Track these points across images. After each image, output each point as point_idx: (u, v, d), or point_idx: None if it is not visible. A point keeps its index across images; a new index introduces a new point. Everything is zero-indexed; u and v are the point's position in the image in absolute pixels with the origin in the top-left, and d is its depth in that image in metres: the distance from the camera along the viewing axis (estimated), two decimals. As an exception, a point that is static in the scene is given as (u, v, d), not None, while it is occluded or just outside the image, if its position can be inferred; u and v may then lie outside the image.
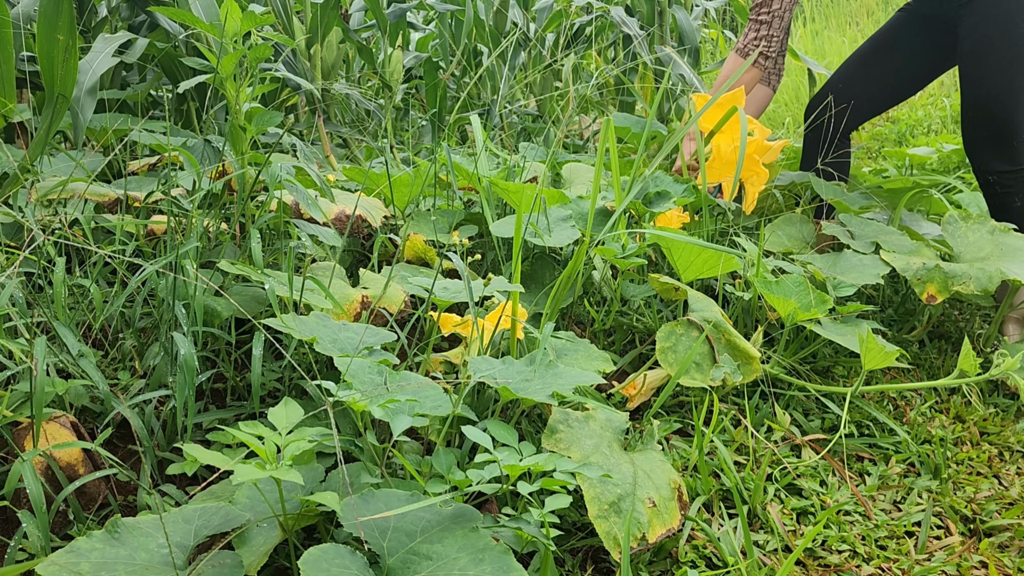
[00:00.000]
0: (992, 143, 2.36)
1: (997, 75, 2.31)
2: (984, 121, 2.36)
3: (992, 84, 2.32)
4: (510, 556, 1.07)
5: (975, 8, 2.34)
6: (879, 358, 1.74)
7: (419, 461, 1.34)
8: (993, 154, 2.36)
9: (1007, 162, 2.35)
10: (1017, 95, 2.31)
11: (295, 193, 1.66)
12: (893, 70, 2.57)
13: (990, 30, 2.32)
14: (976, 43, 2.34)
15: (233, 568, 1.09)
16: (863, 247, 2.20)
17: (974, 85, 2.36)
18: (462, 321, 1.64)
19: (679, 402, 1.83)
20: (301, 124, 3.42)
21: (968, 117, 2.40)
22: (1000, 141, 2.34)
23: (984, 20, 2.32)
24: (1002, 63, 2.31)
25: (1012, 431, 1.95)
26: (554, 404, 1.36)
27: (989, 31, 2.32)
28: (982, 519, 1.63)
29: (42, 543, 1.19)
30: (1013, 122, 2.32)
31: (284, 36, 1.91)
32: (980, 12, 2.33)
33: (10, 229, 1.73)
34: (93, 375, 1.39)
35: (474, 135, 2.47)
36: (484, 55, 4.19)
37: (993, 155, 2.36)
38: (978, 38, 2.34)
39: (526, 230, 1.87)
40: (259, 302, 1.62)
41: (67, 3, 1.74)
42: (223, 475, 1.33)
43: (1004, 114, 2.32)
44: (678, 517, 1.38)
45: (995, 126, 2.34)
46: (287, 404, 1.19)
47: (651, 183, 2.19)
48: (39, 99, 1.86)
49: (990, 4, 2.31)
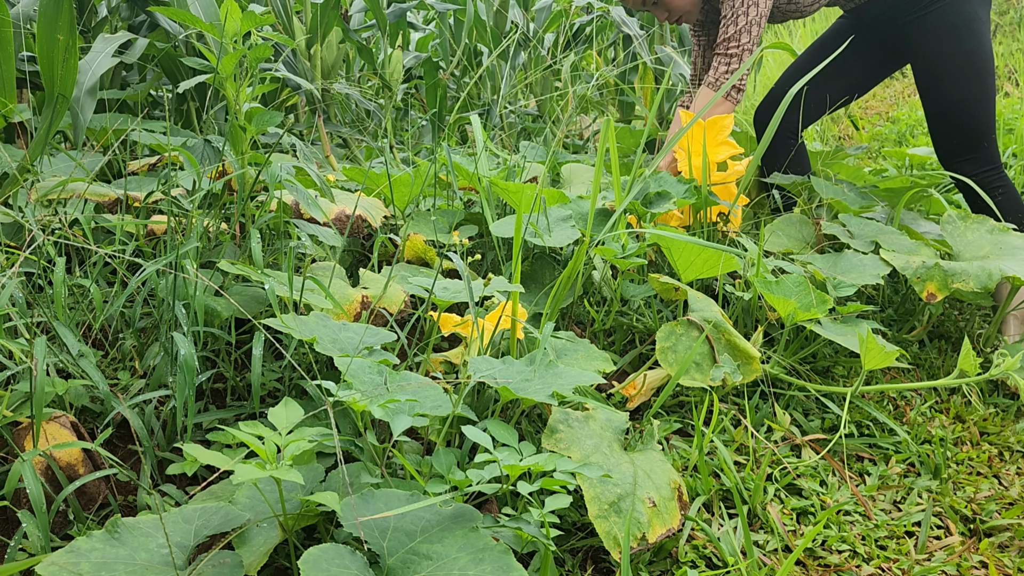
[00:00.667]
0: (964, 149, 2.45)
1: (954, 84, 2.40)
2: (951, 130, 2.45)
3: (951, 94, 2.41)
4: (510, 556, 1.07)
5: (922, 24, 2.43)
6: (879, 358, 1.74)
7: (419, 461, 1.34)
8: (967, 159, 2.45)
9: (982, 164, 2.44)
10: (976, 101, 2.40)
11: (295, 193, 1.66)
12: (838, 75, 2.63)
13: (941, 45, 2.41)
14: (929, 58, 2.44)
15: (233, 568, 1.09)
16: (863, 247, 2.21)
17: (934, 98, 2.46)
18: (462, 321, 1.64)
19: (679, 402, 1.83)
20: (301, 124, 3.43)
21: (935, 129, 2.50)
22: (971, 146, 2.44)
23: (933, 36, 2.42)
24: (955, 73, 2.40)
25: (1012, 431, 1.95)
26: (554, 404, 1.36)
27: (940, 46, 2.41)
28: (982, 519, 1.63)
29: (42, 543, 1.19)
30: (978, 126, 2.42)
31: (284, 36, 1.91)
32: (925, 30, 2.43)
33: (10, 229, 1.73)
34: (93, 375, 1.39)
35: (474, 135, 2.48)
36: (484, 55, 4.19)
37: (967, 160, 2.45)
38: (930, 53, 2.43)
39: (526, 230, 1.87)
40: (259, 302, 1.62)
41: (67, 3, 1.74)
42: (223, 475, 1.33)
43: (969, 120, 2.42)
44: (678, 517, 1.38)
45: (962, 133, 2.44)
46: (287, 404, 1.19)
47: (652, 183, 2.19)
48: (39, 99, 1.86)
49: (936, 19, 2.40)
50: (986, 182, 2.43)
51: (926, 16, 2.40)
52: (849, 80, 2.68)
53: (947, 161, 2.50)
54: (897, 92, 6.38)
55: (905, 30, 2.46)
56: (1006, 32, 7.00)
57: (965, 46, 2.38)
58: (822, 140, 5.04)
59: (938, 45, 2.40)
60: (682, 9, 2.56)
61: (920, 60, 2.46)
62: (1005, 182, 2.46)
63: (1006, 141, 3.95)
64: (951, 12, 2.38)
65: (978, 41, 2.38)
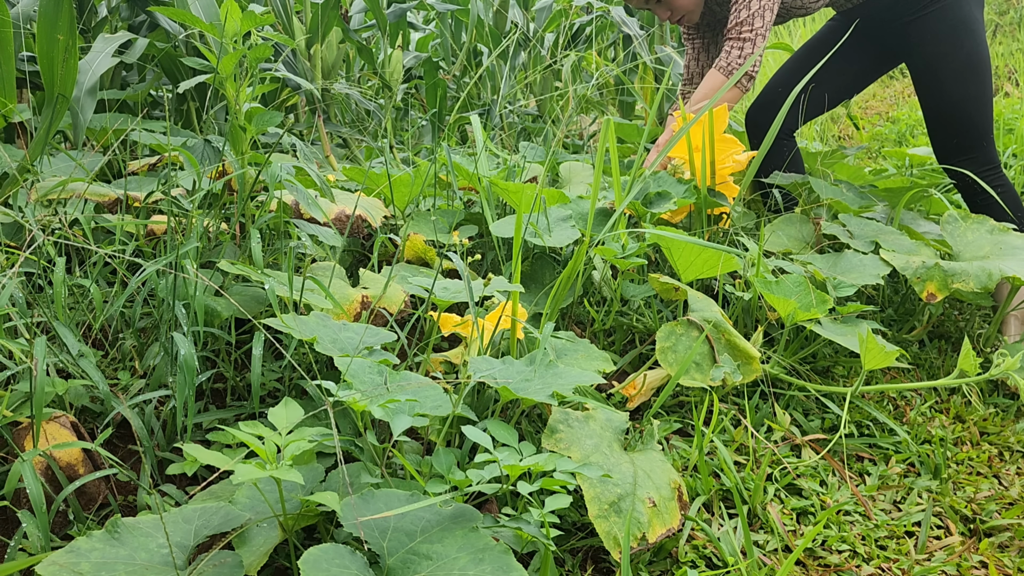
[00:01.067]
0: (962, 149, 2.45)
1: (953, 85, 2.40)
2: (950, 130, 2.45)
3: (950, 94, 2.41)
4: (510, 556, 1.07)
5: (920, 25, 2.42)
6: (879, 358, 1.74)
7: (419, 461, 1.34)
8: (965, 159, 2.45)
9: (981, 164, 2.45)
10: (974, 100, 2.40)
11: (295, 193, 1.66)
12: (832, 75, 2.61)
13: (939, 45, 2.40)
14: (928, 59, 2.44)
15: (233, 568, 1.09)
16: (863, 247, 2.21)
17: (933, 98, 2.46)
18: (462, 321, 1.64)
19: (679, 402, 1.83)
20: (301, 124, 3.42)
21: (934, 129, 2.50)
22: (970, 146, 2.44)
23: (932, 36, 2.42)
24: (954, 73, 2.40)
25: (1012, 431, 1.95)
26: (554, 404, 1.36)
27: (938, 46, 2.41)
28: (982, 519, 1.63)
29: (42, 543, 1.19)
30: (977, 125, 2.42)
31: (284, 36, 1.91)
32: (926, 28, 2.42)
33: (10, 229, 1.73)
34: (93, 375, 1.39)
35: (474, 135, 2.47)
36: (484, 55, 4.19)
37: (966, 160, 2.45)
38: (928, 54, 2.43)
39: (526, 230, 1.87)
40: (259, 302, 1.62)
41: (67, 3, 1.74)
42: (223, 475, 1.33)
43: (967, 120, 2.42)
44: (678, 517, 1.38)
45: (961, 133, 2.44)
46: (287, 404, 1.19)
47: (652, 183, 2.19)
48: (39, 99, 1.86)
49: (935, 20, 2.40)
50: (986, 180, 2.44)
51: (924, 17, 2.40)
52: (843, 80, 2.67)
53: (945, 161, 2.50)
54: (897, 92, 6.38)
55: (902, 31, 2.46)
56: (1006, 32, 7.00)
57: (964, 47, 2.38)
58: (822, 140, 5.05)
59: (937, 46, 2.41)
60: (685, 8, 2.55)
61: (918, 61, 2.47)
62: (1004, 182, 2.46)
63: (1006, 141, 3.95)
64: (949, 13, 2.38)
65: (976, 41, 2.39)
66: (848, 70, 2.65)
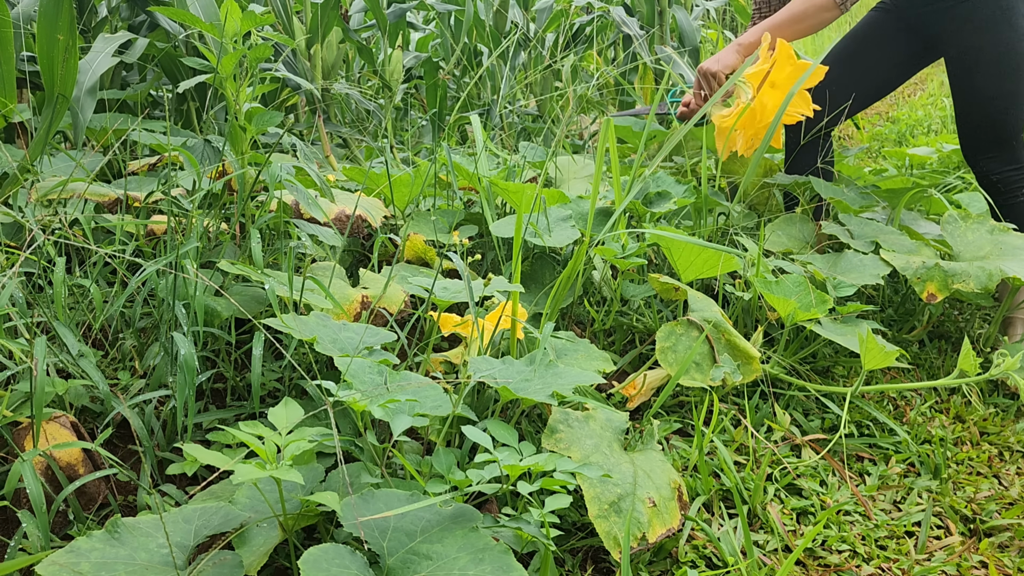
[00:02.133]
0: (991, 146, 2.36)
1: (987, 79, 2.31)
2: (981, 125, 2.36)
3: (984, 88, 2.32)
4: (510, 556, 1.07)
5: (958, 14, 2.33)
6: (879, 358, 1.74)
7: (419, 461, 1.34)
8: (994, 156, 2.36)
9: (1009, 163, 2.36)
10: (1009, 97, 2.31)
11: (295, 193, 1.66)
12: (871, 69, 2.54)
13: (976, 36, 2.31)
14: (963, 50, 2.34)
15: (233, 568, 1.09)
16: (863, 247, 2.21)
17: (966, 91, 2.36)
18: (462, 321, 1.64)
19: (679, 402, 1.83)
20: (301, 124, 3.42)
21: (964, 123, 2.40)
22: (999, 143, 2.35)
23: (969, 26, 2.32)
24: (991, 67, 2.31)
25: (1012, 431, 1.95)
26: (554, 404, 1.36)
27: (975, 37, 2.31)
28: (982, 519, 1.63)
29: (42, 543, 1.19)
30: (1009, 123, 2.33)
31: (284, 36, 1.91)
32: (963, 18, 2.32)
33: (10, 229, 1.73)
34: (93, 375, 1.39)
35: (474, 135, 2.47)
36: (484, 55, 4.19)
37: (994, 157, 2.36)
38: (964, 44, 2.34)
39: (526, 230, 1.87)
40: (259, 302, 1.62)
41: (67, 3, 1.74)
42: (223, 475, 1.32)
43: (1000, 116, 2.32)
44: (678, 517, 1.38)
45: (992, 129, 2.34)
46: (287, 404, 1.19)
47: (652, 183, 2.19)
48: (39, 99, 1.86)
49: (972, 9, 2.31)
50: (1009, 181, 2.36)
51: (964, 4, 2.31)
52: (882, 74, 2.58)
53: (971, 156, 2.41)
54: (897, 92, 6.39)
55: (941, 18, 2.37)
56: None
57: (1003, 39, 2.28)
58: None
59: (973, 36, 2.31)
60: None
61: (953, 51, 2.37)
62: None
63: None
64: (991, 1, 2.29)
65: (1017, 36, 2.28)
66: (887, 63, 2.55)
